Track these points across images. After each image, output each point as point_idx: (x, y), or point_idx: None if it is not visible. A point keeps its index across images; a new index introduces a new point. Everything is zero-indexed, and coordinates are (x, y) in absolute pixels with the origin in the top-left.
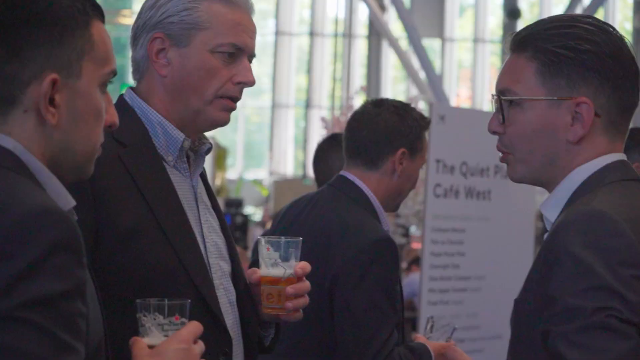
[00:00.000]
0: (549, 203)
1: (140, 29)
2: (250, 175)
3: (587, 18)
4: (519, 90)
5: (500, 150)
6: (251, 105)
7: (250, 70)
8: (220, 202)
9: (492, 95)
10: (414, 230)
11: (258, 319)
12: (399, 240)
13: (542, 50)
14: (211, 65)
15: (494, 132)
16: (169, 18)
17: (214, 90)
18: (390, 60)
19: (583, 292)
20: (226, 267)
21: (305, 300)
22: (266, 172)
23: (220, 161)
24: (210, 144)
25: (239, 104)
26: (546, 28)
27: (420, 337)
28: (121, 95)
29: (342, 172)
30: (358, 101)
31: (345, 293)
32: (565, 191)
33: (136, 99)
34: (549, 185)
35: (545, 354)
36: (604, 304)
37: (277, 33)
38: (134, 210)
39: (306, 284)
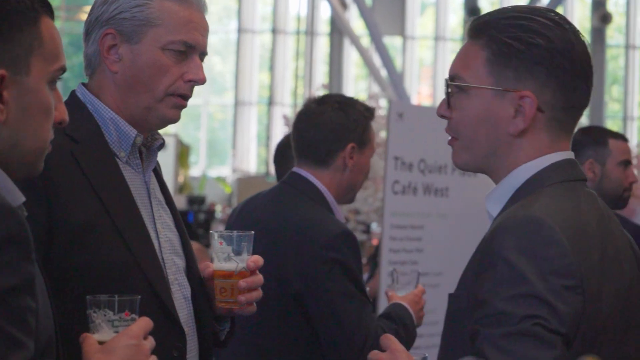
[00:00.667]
0: (492, 197)
1: (92, 24)
2: (214, 172)
3: (548, 12)
4: (467, 77)
5: (449, 134)
6: (214, 102)
7: (201, 68)
8: (183, 199)
9: (445, 79)
10: (374, 227)
11: (212, 314)
12: (359, 236)
13: (494, 39)
14: (162, 62)
15: (441, 116)
16: (121, 14)
17: (164, 87)
18: (352, 58)
19: (513, 298)
20: (180, 262)
21: (258, 294)
22: (229, 170)
23: (183, 158)
24: (163, 139)
25: (202, 101)
26: (503, 17)
27: (389, 292)
28: (73, 91)
29: (294, 169)
30: None
31: (318, 291)
32: (509, 188)
33: (88, 95)
34: (492, 174)
35: (472, 352)
36: (533, 312)
37: (240, 31)
38: (86, 207)
39: (259, 278)
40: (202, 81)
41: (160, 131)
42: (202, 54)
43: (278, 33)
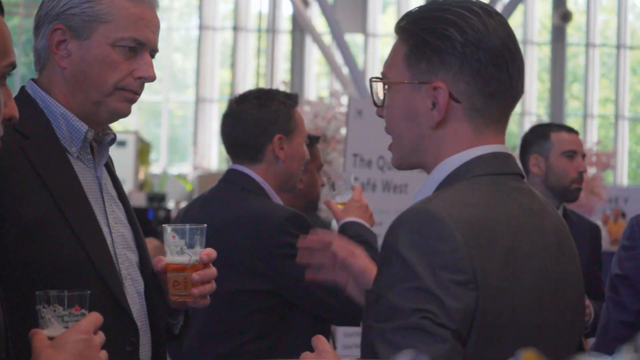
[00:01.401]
0: (419, 192)
1: (42, 19)
2: (175, 169)
3: (464, 2)
4: (390, 74)
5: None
6: (175, 99)
7: (151, 65)
8: (143, 196)
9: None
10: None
11: (166, 308)
12: None
13: (411, 33)
14: (111, 59)
15: (380, 116)
16: (71, 10)
17: (113, 82)
18: (313, 55)
19: (404, 292)
20: (133, 257)
21: (211, 287)
22: (190, 167)
23: (144, 156)
24: (114, 134)
25: (162, 98)
26: (421, 11)
27: (328, 201)
28: (23, 87)
29: (231, 167)
30: None
31: (284, 277)
32: (433, 182)
33: (38, 91)
34: (426, 171)
35: (365, 346)
36: (422, 306)
37: (201, 27)
38: (37, 202)
39: (212, 270)
40: (151, 78)
41: (121, 128)
42: (153, 50)
43: (239, 30)
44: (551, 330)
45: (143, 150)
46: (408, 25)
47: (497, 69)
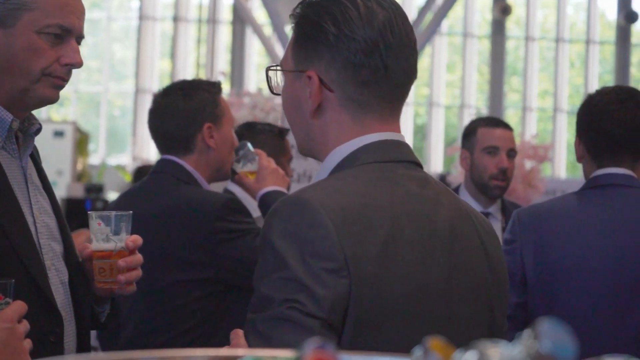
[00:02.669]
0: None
1: None
2: (113, 160)
3: None
4: (282, 62)
5: None
6: (114, 90)
7: (77, 51)
8: (81, 187)
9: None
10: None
11: (92, 297)
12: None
13: (297, 22)
14: (37, 46)
15: None
16: None
17: (40, 69)
18: (254, 47)
19: (274, 282)
20: (58, 247)
21: (137, 273)
22: (129, 158)
23: (82, 146)
24: (40, 124)
25: (101, 89)
26: (307, 2)
27: (239, 177)
28: None
29: (163, 157)
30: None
31: (223, 262)
32: (325, 172)
33: None
34: (320, 159)
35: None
36: (290, 295)
37: (141, 17)
38: None
39: (138, 257)
40: (78, 65)
41: (59, 118)
42: (79, 37)
43: (180, 20)
44: (443, 320)
45: (81, 141)
46: (296, 14)
47: (368, 57)
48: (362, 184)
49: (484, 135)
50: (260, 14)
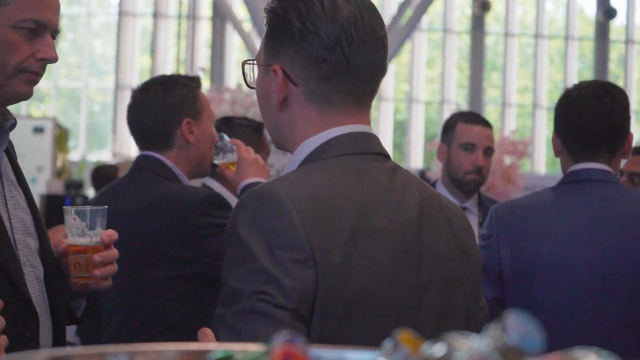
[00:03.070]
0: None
1: None
2: (94, 156)
3: None
4: (256, 57)
5: None
6: (94, 86)
7: (52, 46)
8: (61, 184)
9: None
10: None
11: (67, 292)
12: None
13: (267, 17)
14: (12, 40)
15: None
16: None
17: (14, 64)
18: (234, 42)
19: (243, 275)
20: (33, 243)
21: (113, 268)
22: (109, 154)
23: (62, 143)
24: (15, 119)
25: (81, 85)
26: None
27: (221, 169)
28: None
29: (142, 153)
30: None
31: (208, 257)
32: (293, 165)
33: None
34: (290, 152)
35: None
36: (259, 288)
37: (121, 13)
38: None
39: (113, 252)
40: (53, 60)
41: (39, 114)
42: (54, 32)
43: (160, 16)
44: (412, 309)
45: (61, 137)
46: (267, 8)
47: (330, 52)
48: (329, 176)
49: (462, 131)
50: (240, 10)
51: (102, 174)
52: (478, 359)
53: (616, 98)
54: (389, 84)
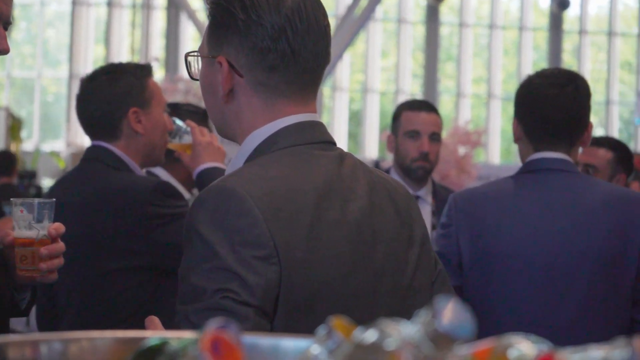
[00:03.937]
0: (229, 167)
1: None
2: (47, 147)
3: None
4: (200, 49)
5: None
6: (48, 75)
7: (4, 37)
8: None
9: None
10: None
11: (12, 284)
12: None
13: (209, 9)
14: None
15: None
16: None
17: None
18: (189, 32)
19: (205, 272)
20: None
21: (59, 261)
22: (63, 144)
23: (15, 132)
24: None
25: (34, 74)
26: None
27: (179, 154)
28: None
29: (92, 143)
30: (155, 72)
31: (159, 248)
32: (242, 156)
33: None
34: (238, 143)
35: None
36: (223, 285)
37: (74, 3)
38: None
39: (60, 245)
40: (5, 51)
41: None
42: (6, 23)
43: (114, 5)
44: (369, 296)
45: (14, 127)
46: (210, 0)
47: (275, 43)
48: (283, 169)
49: (407, 119)
50: (194, 0)
51: (8, 167)
52: (408, 345)
53: (579, 87)
54: (344, 74)
